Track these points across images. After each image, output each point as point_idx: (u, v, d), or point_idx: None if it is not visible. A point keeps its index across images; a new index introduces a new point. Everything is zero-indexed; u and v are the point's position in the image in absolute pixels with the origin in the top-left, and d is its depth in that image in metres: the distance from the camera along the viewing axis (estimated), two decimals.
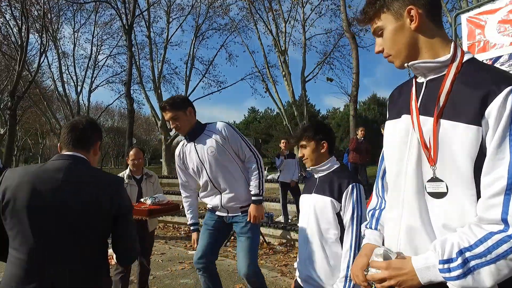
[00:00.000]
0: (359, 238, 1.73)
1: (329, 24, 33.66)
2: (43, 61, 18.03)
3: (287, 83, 15.41)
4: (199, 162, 2.65)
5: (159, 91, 17.88)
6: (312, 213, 1.90)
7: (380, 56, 1.09)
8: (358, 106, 39.05)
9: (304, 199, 2.02)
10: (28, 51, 20.30)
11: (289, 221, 6.89)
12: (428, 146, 0.96)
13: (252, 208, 2.61)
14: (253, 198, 2.63)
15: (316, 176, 1.98)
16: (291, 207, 7.18)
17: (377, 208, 1.28)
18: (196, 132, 2.63)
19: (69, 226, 1.41)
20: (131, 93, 17.10)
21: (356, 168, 7.73)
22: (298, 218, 5.92)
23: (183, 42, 36.55)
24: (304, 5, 15.98)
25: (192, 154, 2.67)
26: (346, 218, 1.80)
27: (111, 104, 42.21)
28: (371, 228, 1.26)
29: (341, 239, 1.83)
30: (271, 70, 16.49)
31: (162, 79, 18.90)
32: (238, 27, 18.17)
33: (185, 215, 2.98)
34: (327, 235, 1.85)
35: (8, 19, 17.23)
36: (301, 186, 7.20)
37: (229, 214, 2.72)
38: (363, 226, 1.34)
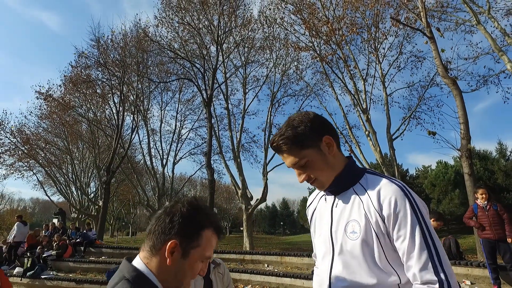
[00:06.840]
0: None
1: (410, 77, 32.22)
2: (134, 137, 19.84)
3: (372, 143, 14.15)
4: (328, 238, 1.31)
5: (239, 160, 17.94)
6: None
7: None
8: (453, 162, 34.47)
9: None
10: (125, 130, 22.87)
11: None
12: None
13: None
14: None
15: None
16: None
17: None
18: (343, 181, 1.29)
19: None
20: (211, 163, 17.46)
21: (493, 246, 5.54)
22: None
23: (260, 111, 38.13)
24: (381, 61, 15.31)
25: (325, 218, 1.35)
26: None
27: (193, 174, 44.52)
28: None
29: None
30: (352, 131, 15.59)
31: (241, 148, 19.11)
32: (314, 90, 18.05)
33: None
34: None
35: (111, 105, 19.74)
36: None
37: None
38: None
